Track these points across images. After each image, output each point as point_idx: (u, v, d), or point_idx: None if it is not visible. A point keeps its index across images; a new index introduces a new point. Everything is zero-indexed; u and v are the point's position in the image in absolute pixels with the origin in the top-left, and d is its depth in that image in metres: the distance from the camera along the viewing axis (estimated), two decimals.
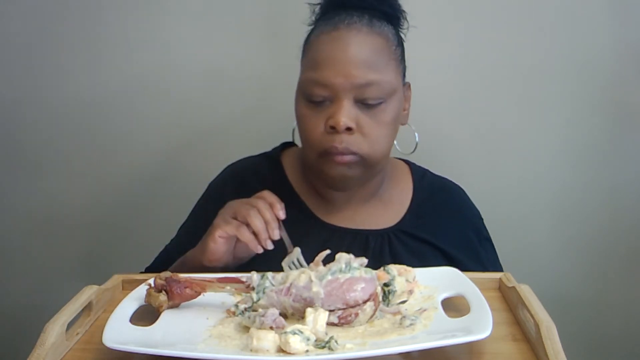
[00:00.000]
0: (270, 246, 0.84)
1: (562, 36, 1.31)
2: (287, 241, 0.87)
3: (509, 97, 1.35)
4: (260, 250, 0.84)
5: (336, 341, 0.64)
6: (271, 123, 1.31)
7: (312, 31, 0.97)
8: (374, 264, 0.96)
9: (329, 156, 0.92)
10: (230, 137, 1.36)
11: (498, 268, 1.08)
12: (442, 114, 1.33)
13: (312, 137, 0.93)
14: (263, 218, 0.84)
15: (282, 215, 0.86)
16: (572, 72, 1.32)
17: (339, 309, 0.69)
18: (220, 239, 0.86)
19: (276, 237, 0.84)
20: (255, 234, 0.85)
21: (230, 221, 0.86)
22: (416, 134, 1.05)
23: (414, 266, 0.94)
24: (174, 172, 1.40)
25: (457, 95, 1.34)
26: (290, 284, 0.70)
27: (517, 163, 1.37)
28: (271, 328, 0.66)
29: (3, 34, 1.35)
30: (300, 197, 1.03)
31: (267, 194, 0.88)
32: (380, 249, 0.99)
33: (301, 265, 0.84)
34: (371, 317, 0.70)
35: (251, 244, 0.84)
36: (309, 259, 0.80)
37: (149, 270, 1.04)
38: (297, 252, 0.86)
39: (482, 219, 1.11)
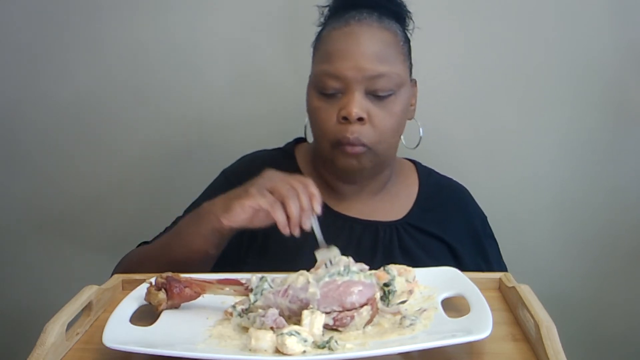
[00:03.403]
0: (297, 233, 0.81)
1: (562, 36, 1.31)
2: (318, 235, 0.83)
3: (509, 96, 1.35)
4: (288, 234, 0.81)
5: (336, 341, 0.64)
6: (279, 124, 1.31)
7: (322, 29, 1.02)
8: (383, 255, 0.98)
9: (341, 147, 0.95)
10: (236, 139, 1.35)
11: (502, 266, 1.10)
12: (443, 114, 1.33)
13: (325, 128, 0.96)
14: (300, 204, 0.81)
15: (318, 209, 0.83)
16: (573, 72, 1.32)
17: (335, 311, 0.69)
18: (249, 209, 0.83)
19: (307, 227, 0.81)
20: (287, 217, 0.81)
21: (266, 195, 0.82)
22: (420, 129, 1.07)
23: (421, 258, 0.95)
24: (175, 173, 1.40)
25: (457, 94, 1.34)
26: (288, 286, 0.70)
27: (518, 163, 1.37)
28: (271, 328, 0.66)
29: (3, 34, 1.35)
30: None
31: (311, 184, 0.84)
32: (389, 240, 1.01)
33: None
34: (368, 322, 0.70)
35: (281, 225, 0.81)
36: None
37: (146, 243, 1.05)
38: (336, 252, 0.80)
39: (486, 218, 1.14)
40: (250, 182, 0.86)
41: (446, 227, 1.05)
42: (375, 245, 1.01)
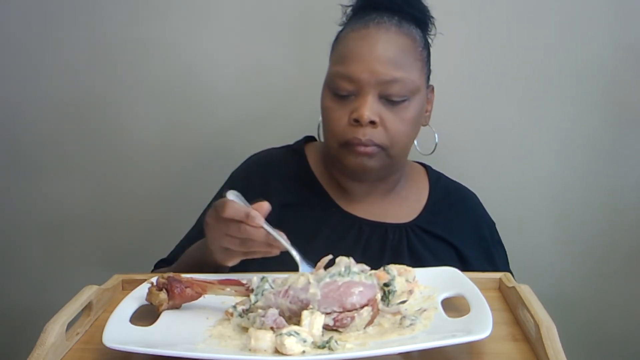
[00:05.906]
0: (278, 252, 0.80)
1: (563, 37, 1.31)
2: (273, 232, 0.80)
3: (508, 98, 1.35)
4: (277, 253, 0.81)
5: (336, 341, 0.64)
6: (285, 126, 1.31)
7: (342, 29, 1.02)
8: (391, 257, 0.97)
9: (351, 147, 0.95)
10: (239, 140, 1.35)
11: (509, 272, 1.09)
12: (443, 114, 1.32)
13: (335, 128, 0.96)
14: (258, 240, 0.78)
15: (260, 222, 0.78)
16: (573, 72, 1.32)
17: (335, 312, 0.69)
18: (233, 262, 0.83)
19: (281, 247, 0.79)
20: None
21: (236, 254, 0.81)
22: (436, 135, 1.08)
23: (428, 262, 0.94)
24: (175, 173, 1.40)
25: (458, 95, 1.34)
26: (289, 287, 0.70)
27: (518, 163, 1.37)
28: (271, 328, 0.66)
29: (3, 34, 1.35)
30: (322, 186, 1.05)
31: (231, 211, 0.78)
32: (398, 242, 1.01)
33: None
34: (369, 323, 0.70)
35: (267, 255, 0.80)
36: (330, 246, 0.80)
37: (164, 261, 1.05)
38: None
39: (494, 224, 1.13)
40: (209, 236, 0.83)
41: (454, 231, 1.05)
42: (384, 247, 1.01)
